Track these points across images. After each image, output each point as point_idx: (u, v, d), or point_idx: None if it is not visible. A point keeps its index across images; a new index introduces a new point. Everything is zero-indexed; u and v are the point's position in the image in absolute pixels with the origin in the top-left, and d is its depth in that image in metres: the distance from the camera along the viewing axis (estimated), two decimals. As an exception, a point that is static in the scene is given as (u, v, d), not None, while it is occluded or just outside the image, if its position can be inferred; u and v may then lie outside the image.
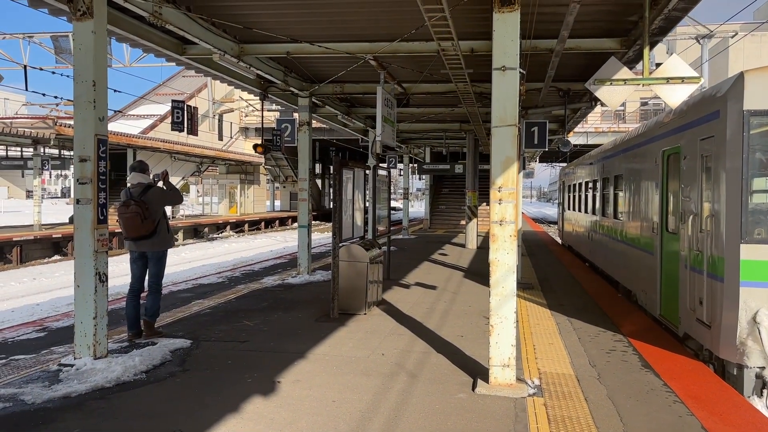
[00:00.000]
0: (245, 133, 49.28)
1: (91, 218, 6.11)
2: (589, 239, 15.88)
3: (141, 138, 34.81)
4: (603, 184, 13.84)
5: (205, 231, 38.79)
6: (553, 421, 4.80)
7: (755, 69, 6.19)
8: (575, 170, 19.10)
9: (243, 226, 42.77)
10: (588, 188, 16.26)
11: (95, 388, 5.44)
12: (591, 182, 15.63)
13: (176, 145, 36.48)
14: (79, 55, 6.07)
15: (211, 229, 39.54)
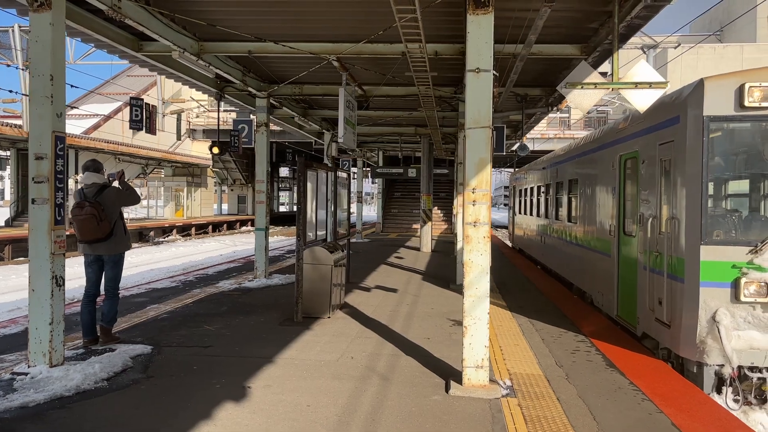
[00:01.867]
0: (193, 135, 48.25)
1: (47, 219, 5.82)
2: (542, 242, 16.18)
3: (84, 138, 33.60)
4: (557, 188, 14.12)
5: (151, 234, 37.75)
6: (529, 421, 4.82)
7: (714, 76, 6.41)
8: (527, 175, 19.45)
9: (190, 230, 41.85)
10: (541, 193, 16.57)
11: (54, 397, 5.16)
12: (544, 187, 15.92)
13: (121, 146, 35.43)
14: (35, 47, 5.78)
15: (156, 233, 38.51)
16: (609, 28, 8.00)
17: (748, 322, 6.13)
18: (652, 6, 6.66)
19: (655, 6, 6.69)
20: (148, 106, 10.11)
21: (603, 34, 8.20)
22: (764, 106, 6.12)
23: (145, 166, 41.61)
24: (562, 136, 41.33)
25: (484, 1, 5.37)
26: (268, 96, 12.36)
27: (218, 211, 57.97)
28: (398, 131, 18.90)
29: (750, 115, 6.17)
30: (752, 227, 6.35)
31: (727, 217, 6.47)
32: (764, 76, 6.18)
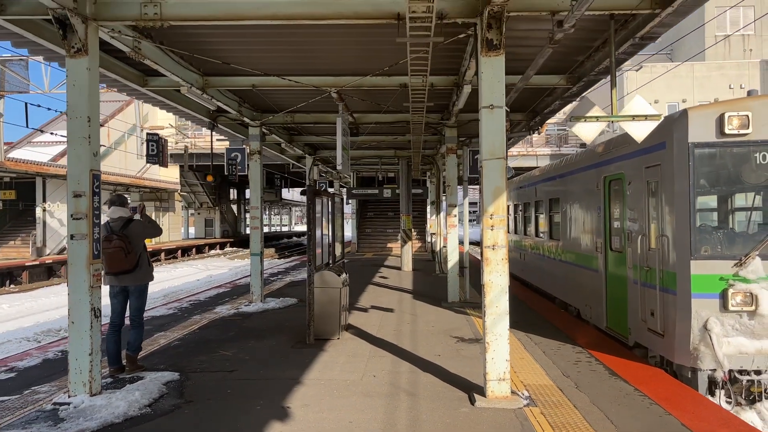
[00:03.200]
0: (159, 160, 47.89)
1: (86, 253, 6.09)
2: (522, 259, 16.79)
3: (52, 166, 33.23)
4: (536, 207, 14.76)
5: (121, 261, 37.19)
6: (555, 426, 5.28)
7: (697, 107, 7.07)
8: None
9: (159, 255, 41.47)
10: (519, 211, 17.23)
11: (105, 424, 5.42)
12: (523, 205, 16.58)
13: (90, 173, 34.98)
14: (72, 91, 6.08)
15: (126, 259, 37.95)
16: (594, 61, 8.67)
17: (736, 329, 6.72)
18: (639, 44, 7.34)
19: (640, 44, 7.36)
20: (161, 140, 10.39)
21: (588, 66, 8.86)
22: (742, 132, 6.79)
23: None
24: (526, 153, 42.43)
25: (496, 44, 5.90)
26: (261, 125, 12.72)
27: (185, 235, 57.41)
28: (379, 154, 19.41)
29: (730, 141, 6.83)
30: (736, 242, 6.98)
31: (713, 234, 7.10)
32: (740, 106, 6.86)
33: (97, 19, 6.21)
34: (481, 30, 5.97)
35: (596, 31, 7.51)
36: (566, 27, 5.65)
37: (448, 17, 6.02)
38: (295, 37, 8.05)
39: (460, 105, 9.91)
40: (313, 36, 7.93)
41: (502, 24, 5.86)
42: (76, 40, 6.02)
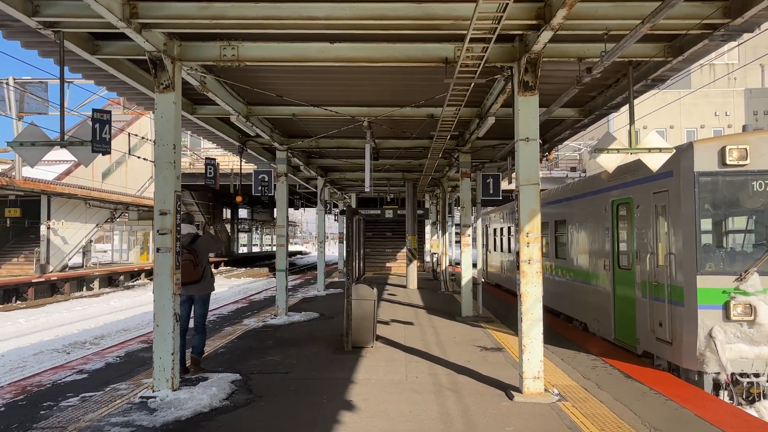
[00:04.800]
0: (158, 179, 48.48)
1: (170, 264, 6.89)
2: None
3: (57, 184, 33.80)
4: (542, 228, 15.66)
5: (120, 279, 37.81)
6: (588, 416, 6.12)
7: (701, 140, 8.05)
8: (504, 215, 21.06)
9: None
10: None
11: (195, 413, 6.18)
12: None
13: (93, 192, 35.71)
14: (160, 122, 6.92)
15: (126, 277, 38.59)
16: (606, 97, 9.66)
17: (737, 336, 7.62)
18: (650, 84, 8.33)
19: (651, 85, 8.36)
20: (215, 163, 11.23)
21: (600, 101, 9.86)
22: (741, 163, 7.76)
23: (114, 210, 41.66)
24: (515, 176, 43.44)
25: (532, 86, 6.84)
26: (287, 149, 13.59)
27: (181, 254, 57.69)
28: (387, 176, 20.32)
29: (730, 171, 7.79)
30: (736, 260, 7.91)
31: (716, 252, 8.03)
32: (740, 141, 7.84)
33: (182, 59, 7.08)
34: (519, 73, 6.91)
35: (613, 72, 8.49)
36: (594, 73, 6.61)
37: (489, 61, 6.94)
38: (334, 72, 8.93)
39: (481, 134, 10.84)
40: (353, 71, 8.82)
41: (538, 68, 6.81)
42: (165, 78, 6.88)
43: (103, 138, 6.00)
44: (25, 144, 6.28)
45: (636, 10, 6.02)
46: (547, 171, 45.10)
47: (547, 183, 40.32)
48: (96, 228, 39.66)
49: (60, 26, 6.28)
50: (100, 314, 22.78)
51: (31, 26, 6.15)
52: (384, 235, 35.64)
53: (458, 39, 6.94)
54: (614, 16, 6.08)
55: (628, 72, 7.38)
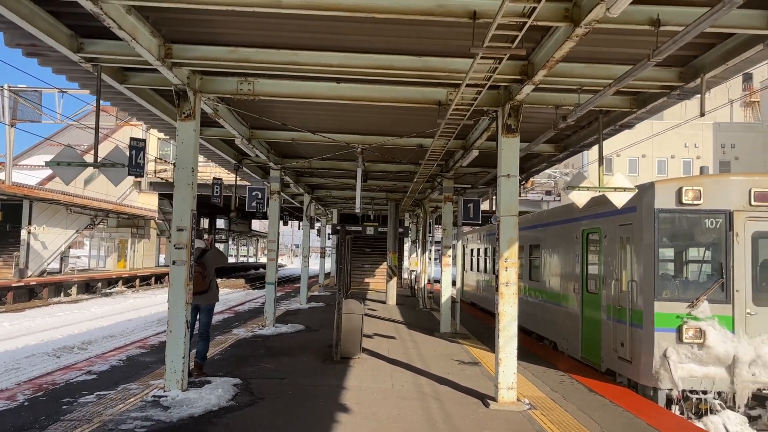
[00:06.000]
0: (138, 187, 48.79)
1: (185, 276, 7.62)
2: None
3: (40, 189, 33.99)
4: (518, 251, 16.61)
5: (98, 286, 37.93)
6: (554, 422, 6.97)
7: (661, 181, 9.04)
8: (481, 237, 22.01)
9: (134, 281, 42.16)
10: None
11: (206, 411, 6.90)
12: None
13: (76, 198, 35.93)
14: (181, 147, 7.68)
15: (103, 284, 38.70)
16: (580, 136, 10.65)
17: (688, 357, 8.55)
18: (618, 129, 9.33)
19: (619, 129, 9.36)
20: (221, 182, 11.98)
21: (574, 140, 10.86)
22: (696, 203, 8.73)
23: (94, 217, 41.78)
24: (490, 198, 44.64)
25: (514, 129, 7.75)
26: (281, 168, 14.38)
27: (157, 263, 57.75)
28: (372, 195, 21.15)
29: (686, 209, 8.77)
30: (689, 288, 8.87)
31: (672, 281, 8.99)
32: (695, 183, 8.83)
33: (202, 92, 7.88)
34: (503, 117, 7.82)
35: (587, 116, 9.45)
36: (569, 120, 7.55)
37: (478, 106, 7.84)
38: (335, 105, 9.76)
39: (465, 163, 11.74)
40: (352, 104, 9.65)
41: (520, 114, 7.73)
42: (187, 108, 7.66)
43: (138, 163, 6.76)
44: (61, 164, 6.99)
45: (605, 71, 6.99)
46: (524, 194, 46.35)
47: (523, 206, 41.40)
48: (75, 234, 39.81)
49: (98, 61, 7.03)
50: (82, 320, 23.11)
51: (74, 60, 6.89)
52: (364, 251, 36.36)
53: (452, 85, 7.83)
54: (587, 75, 7.05)
55: (599, 119, 8.35)
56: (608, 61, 7.03)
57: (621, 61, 6.87)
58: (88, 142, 43.44)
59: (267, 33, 6.70)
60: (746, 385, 8.32)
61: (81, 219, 39.19)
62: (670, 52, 5.25)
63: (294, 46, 6.94)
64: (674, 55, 6.73)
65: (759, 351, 8.32)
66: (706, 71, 6.71)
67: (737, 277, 8.55)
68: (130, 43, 6.03)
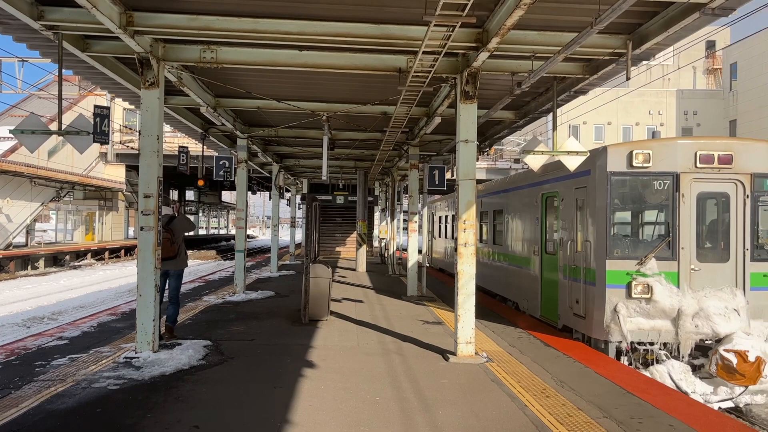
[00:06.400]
0: (105, 159, 48.10)
1: (153, 242, 7.81)
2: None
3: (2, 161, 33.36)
4: (481, 217, 17.07)
5: (66, 259, 37.60)
6: (508, 373, 7.41)
7: (613, 145, 9.43)
8: (449, 204, 22.42)
9: (103, 254, 41.85)
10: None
11: (177, 369, 7.17)
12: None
13: (40, 170, 35.34)
14: (146, 115, 7.80)
15: (71, 257, 38.36)
16: (538, 102, 10.98)
17: (636, 311, 9.05)
18: (572, 95, 9.66)
19: (574, 95, 9.69)
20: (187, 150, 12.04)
21: (533, 106, 11.18)
22: (645, 165, 9.15)
23: (60, 189, 41.17)
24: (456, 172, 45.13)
25: (471, 95, 8.02)
26: (248, 137, 14.48)
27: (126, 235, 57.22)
28: (341, 164, 21.34)
29: (636, 171, 9.19)
30: (638, 247, 9.35)
31: (623, 240, 9.46)
32: (644, 146, 9.24)
33: (166, 60, 7.97)
34: (461, 83, 8.08)
35: (543, 83, 9.76)
36: (523, 87, 7.85)
37: (437, 73, 8.08)
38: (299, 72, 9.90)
39: (429, 130, 12.02)
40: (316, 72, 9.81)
41: (477, 80, 8.00)
42: (151, 76, 7.76)
43: (103, 130, 6.88)
44: (26, 132, 7.08)
45: (556, 39, 7.28)
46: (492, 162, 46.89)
47: (492, 173, 42.11)
48: (41, 207, 39.24)
49: (59, 29, 7.07)
50: (51, 292, 23.06)
51: (35, 28, 6.93)
52: (334, 220, 36.62)
53: (411, 52, 8.05)
54: (539, 42, 7.33)
55: (553, 85, 8.66)
56: (559, 28, 7.32)
57: (571, 28, 7.17)
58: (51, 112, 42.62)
59: (228, 1, 6.83)
60: (689, 336, 8.86)
61: (46, 191, 38.59)
62: (610, 20, 5.55)
63: (255, 14, 7.08)
64: (621, 22, 7.06)
65: (702, 304, 8.85)
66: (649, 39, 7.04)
67: (683, 235, 9.03)
68: (91, 10, 6.11)
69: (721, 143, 9.27)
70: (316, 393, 6.33)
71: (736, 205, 9.10)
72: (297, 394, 6.25)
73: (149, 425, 5.28)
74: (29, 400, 5.93)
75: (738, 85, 41.05)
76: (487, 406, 6.02)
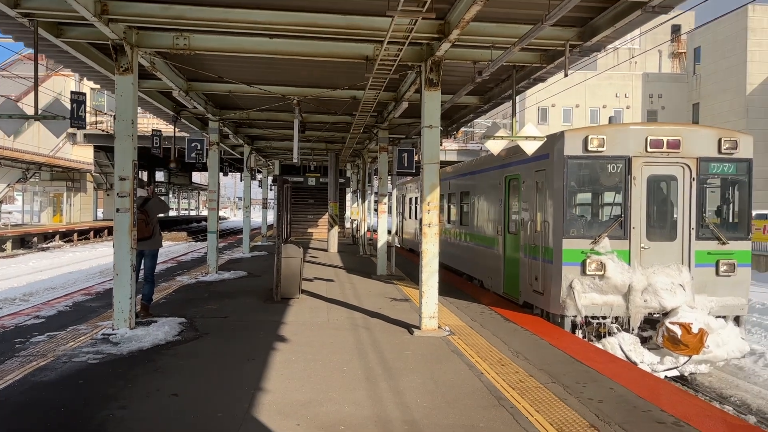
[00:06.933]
0: (73, 139, 47.46)
1: (128, 223, 8.10)
2: (436, 242, 19.61)
3: (-18, 146, 32.84)
4: (449, 198, 17.58)
5: (34, 241, 37.24)
6: (468, 345, 7.92)
7: (570, 130, 9.94)
8: (418, 187, 22.88)
9: (72, 236, 41.52)
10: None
11: (155, 344, 7.52)
12: (437, 196, 19.39)
13: (5, 151, 34.85)
14: (120, 100, 8.04)
15: (39, 239, 38.01)
16: (501, 89, 11.43)
17: (590, 287, 9.62)
18: (532, 82, 10.13)
19: (534, 82, 10.15)
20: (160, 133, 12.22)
21: (496, 92, 11.64)
22: (600, 150, 9.67)
23: (26, 170, 40.62)
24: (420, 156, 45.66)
25: (435, 83, 8.42)
26: (219, 120, 14.69)
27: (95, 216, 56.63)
28: (312, 146, 21.61)
29: (591, 155, 9.70)
30: (593, 227, 9.91)
31: (578, 220, 10.01)
32: (599, 132, 9.76)
33: (140, 46, 8.20)
34: (425, 71, 8.48)
35: (505, 70, 10.19)
36: (484, 75, 8.27)
37: (402, 61, 8.45)
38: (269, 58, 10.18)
39: (397, 114, 12.40)
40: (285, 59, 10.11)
41: (440, 69, 8.39)
42: (125, 62, 7.99)
43: (80, 116, 7.13)
44: (3, 116, 7.28)
45: (514, 30, 7.71)
46: (463, 144, 47.41)
47: (463, 155, 42.62)
48: (7, 188, 38.74)
49: (34, 16, 7.27)
50: (21, 274, 23.00)
51: (11, 15, 7.11)
52: (307, 201, 36.86)
53: (377, 41, 8.39)
54: (498, 34, 7.76)
55: (512, 74, 9.11)
56: (517, 21, 7.74)
57: (527, 21, 7.58)
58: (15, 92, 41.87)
59: (200, -10, 7.11)
60: (639, 310, 9.46)
61: (12, 172, 38.07)
62: (560, 16, 5.98)
63: (225, 3, 7.37)
64: (573, 16, 7.51)
65: (650, 280, 9.45)
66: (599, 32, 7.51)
67: (634, 215, 9.60)
68: (68, 0, 6.34)
69: (670, 129, 9.84)
70: (288, 364, 6.75)
71: (683, 187, 9.69)
72: (269, 365, 6.66)
73: (130, 394, 5.65)
74: (13, 373, 6.24)
75: (701, 69, 42.00)
76: (446, 374, 6.51)
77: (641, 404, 5.68)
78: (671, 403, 5.75)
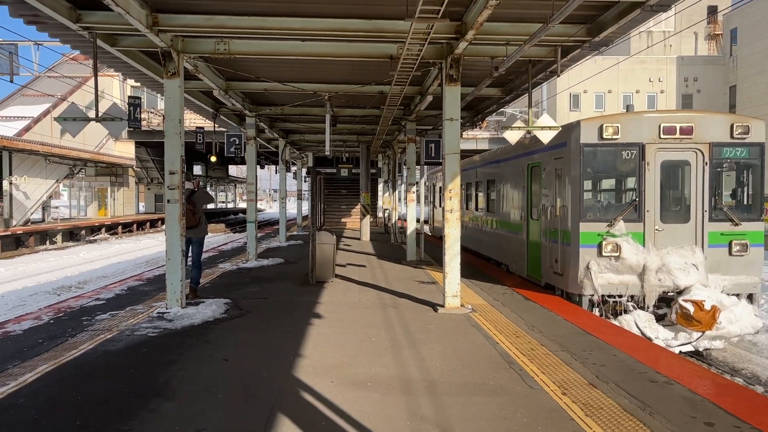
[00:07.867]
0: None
1: (178, 212, 8.98)
2: (464, 228, 20.25)
3: (18, 140, 34.53)
4: (476, 186, 18.18)
5: (82, 233, 38.97)
6: (488, 321, 8.61)
7: (586, 119, 10.48)
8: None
9: (116, 228, 43.21)
10: (462, 189, 20.65)
11: (204, 321, 8.40)
12: (465, 185, 20.00)
13: (54, 148, 36.50)
14: (168, 102, 8.90)
15: (87, 232, 39.74)
16: (521, 80, 11.99)
17: (606, 268, 10.19)
18: (548, 75, 10.68)
19: (550, 75, 10.71)
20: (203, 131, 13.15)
21: (516, 84, 12.20)
22: (614, 137, 10.20)
23: (73, 166, 42.38)
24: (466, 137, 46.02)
25: (455, 78, 9.07)
26: (256, 116, 15.55)
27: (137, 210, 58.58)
28: (343, 138, 22.40)
29: (607, 143, 10.24)
30: (609, 210, 10.45)
31: (594, 205, 10.56)
32: (615, 120, 10.28)
33: (185, 52, 9.04)
34: (446, 68, 9.13)
35: (521, 64, 10.77)
36: (500, 70, 8.89)
37: (423, 58, 9.12)
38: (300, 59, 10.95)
39: (422, 107, 13.07)
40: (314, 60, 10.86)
41: (460, 65, 9.04)
42: (172, 67, 8.84)
43: (136, 117, 8.00)
44: (68, 119, 8.21)
45: (527, 29, 8.31)
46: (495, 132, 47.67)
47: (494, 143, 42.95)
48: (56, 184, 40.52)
49: (93, 29, 8.16)
50: (73, 264, 24.42)
51: (72, 28, 8.01)
52: (339, 192, 37.76)
53: (400, 41, 9.08)
54: (512, 32, 8.37)
55: (528, 68, 9.69)
56: (529, 20, 8.34)
57: (539, 20, 8.16)
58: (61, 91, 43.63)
59: (239, 2, 7.88)
60: (653, 289, 10.00)
61: (60, 169, 39.83)
62: (564, 17, 6.57)
63: (263, 12, 8.14)
64: (582, 14, 8.07)
65: (664, 260, 9.97)
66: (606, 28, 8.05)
67: (648, 199, 10.12)
68: (124, 15, 7.19)
69: (683, 116, 10.31)
70: (322, 336, 7.55)
71: (696, 171, 10.16)
72: (306, 337, 7.46)
73: (187, 359, 6.50)
74: (86, 344, 7.17)
75: (738, 51, 41.44)
76: (464, 344, 7.22)
77: (639, 367, 6.30)
78: (667, 366, 6.36)
